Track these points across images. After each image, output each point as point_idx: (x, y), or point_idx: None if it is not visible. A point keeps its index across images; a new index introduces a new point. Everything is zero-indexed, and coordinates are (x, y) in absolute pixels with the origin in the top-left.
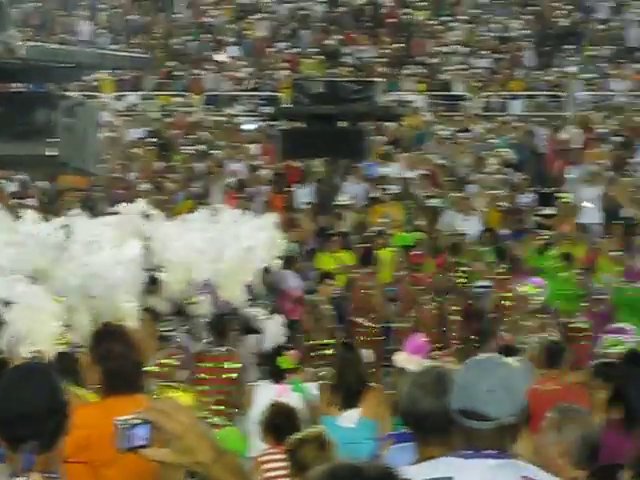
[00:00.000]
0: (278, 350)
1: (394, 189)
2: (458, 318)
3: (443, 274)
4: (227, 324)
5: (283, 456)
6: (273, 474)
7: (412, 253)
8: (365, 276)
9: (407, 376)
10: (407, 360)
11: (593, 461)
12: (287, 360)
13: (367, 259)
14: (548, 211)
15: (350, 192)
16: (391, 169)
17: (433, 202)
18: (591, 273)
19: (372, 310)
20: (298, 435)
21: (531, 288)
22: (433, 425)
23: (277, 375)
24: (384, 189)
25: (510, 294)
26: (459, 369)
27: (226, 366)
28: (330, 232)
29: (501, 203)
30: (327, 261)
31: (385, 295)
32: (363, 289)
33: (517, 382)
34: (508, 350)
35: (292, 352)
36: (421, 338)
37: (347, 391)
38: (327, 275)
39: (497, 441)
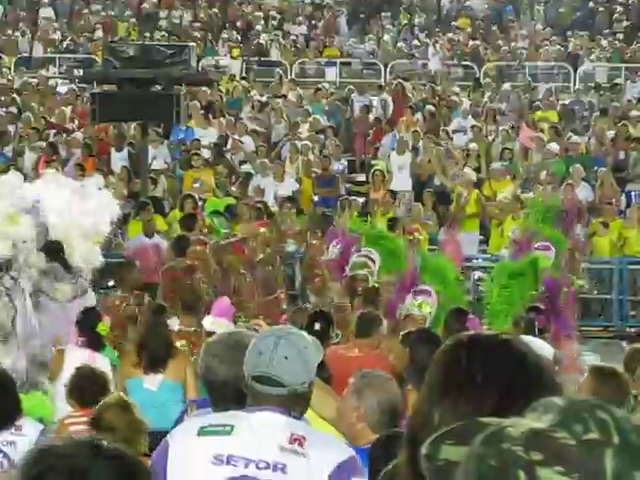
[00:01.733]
0: (98, 317)
1: (207, 154)
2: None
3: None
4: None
5: (87, 419)
6: None
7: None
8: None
9: (205, 344)
10: (214, 323)
11: (392, 426)
12: (105, 326)
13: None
14: (360, 178)
15: (163, 156)
16: (204, 134)
17: (245, 167)
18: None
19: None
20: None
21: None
22: (228, 393)
23: (96, 342)
24: (197, 154)
25: (322, 257)
26: (257, 335)
27: None
28: (143, 198)
29: (314, 169)
30: (137, 227)
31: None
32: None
33: (311, 353)
34: (320, 316)
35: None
36: (226, 302)
37: (152, 354)
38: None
39: (287, 406)
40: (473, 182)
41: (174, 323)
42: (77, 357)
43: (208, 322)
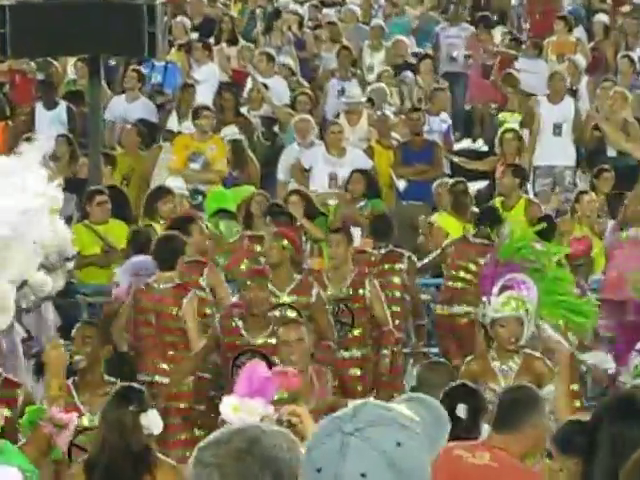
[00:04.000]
0: None
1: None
2: None
3: None
4: None
5: None
6: None
7: None
8: None
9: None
10: (240, 409)
11: None
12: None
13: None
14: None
15: (128, 116)
16: (202, 74)
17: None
18: None
19: None
20: None
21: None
22: None
23: None
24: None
25: None
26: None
27: None
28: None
29: (395, 133)
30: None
31: None
32: None
33: (410, 458)
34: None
35: None
36: (263, 370)
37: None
38: None
39: None
40: None
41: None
42: None
43: (230, 406)
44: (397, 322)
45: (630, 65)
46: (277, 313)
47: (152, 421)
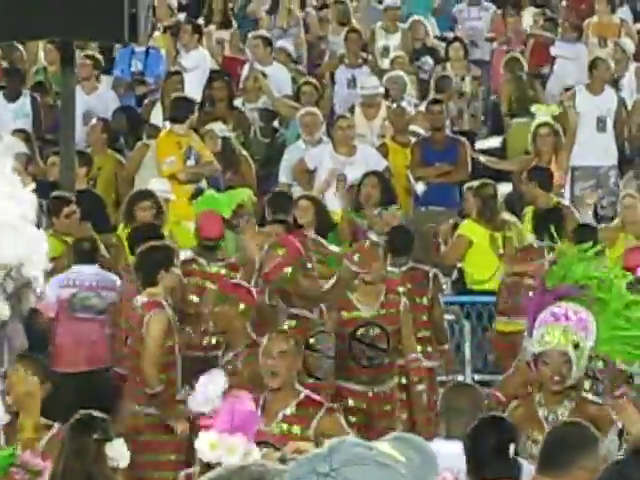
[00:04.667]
0: None
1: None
2: None
3: None
4: None
5: None
6: None
7: None
8: None
9: None
10: (217, 446)
11: None
12: None
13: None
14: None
15: (104, 110)
16: (189, 60)
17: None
18: None
19: None
20: None
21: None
22: None
23: None
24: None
25: None
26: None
27: None
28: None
29: (415, 126)
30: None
31: None
32: None
33: None
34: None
35: None
36: (247, 402)
37: None
38: None
39: None
40: None
41: None
42: None
43: (207, 443)
44: (429, 349)
45: None
46: None
47: (118, 452)
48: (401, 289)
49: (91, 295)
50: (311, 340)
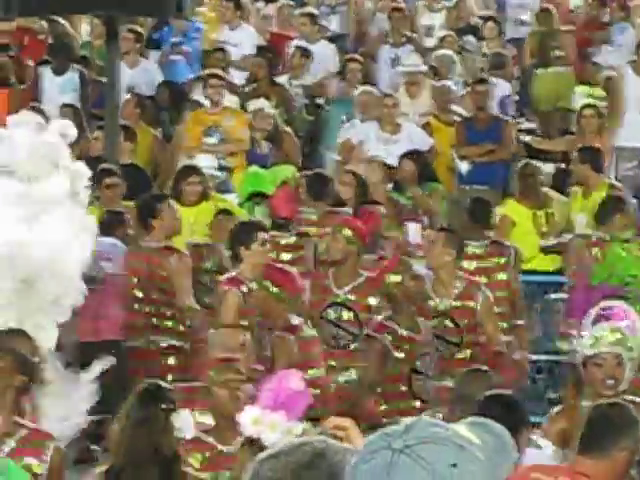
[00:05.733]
0: None
1: (238, 78)
2: None
3: None
4: None
5: None
6: None
7: None
8: None
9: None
10: (262, 423)
11: None
12: None
13: None
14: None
15: (148, 83)
16: (232, 37)
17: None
18: None
19: None
20: None
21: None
22: None
23: None
24: (217, 76)
25: None
26: (355, 451)
27: None
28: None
29: (457, 107)
30: None
31: None
32: None
33: (467, 478)
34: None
35: None
36: (296, 379)
37: None
38: None
39: None
40: None
41: None
42: None
43: (249, 417)
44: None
45: None
46: (332, 312)
47: (185, 422)
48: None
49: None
50: (417, 363)
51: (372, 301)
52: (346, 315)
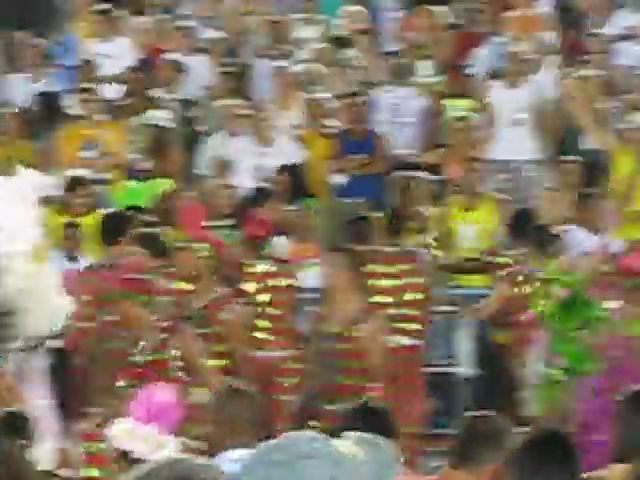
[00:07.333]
0: None
1: (111, 91)
2: None
3: None
4: None
5: None
6: None
7: None
8: None
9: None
10: (132, 436)
11: None
12: None
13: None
14: None
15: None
16: (106, 48)
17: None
18: None
19: None
20: None
21: None
22: None
23: None
24: (86, 89)
25: None
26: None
27: None
28: None
29: (332, 121)
30: None
31: None
32: None
33: None
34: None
35: None
36: (167, 390)
37: None
38: None
39: None
40: None
41: None
42: None
43: (121, 430)
44: None
45: None
46: None
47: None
48: None
49: None
50: None
51: None
52: None
